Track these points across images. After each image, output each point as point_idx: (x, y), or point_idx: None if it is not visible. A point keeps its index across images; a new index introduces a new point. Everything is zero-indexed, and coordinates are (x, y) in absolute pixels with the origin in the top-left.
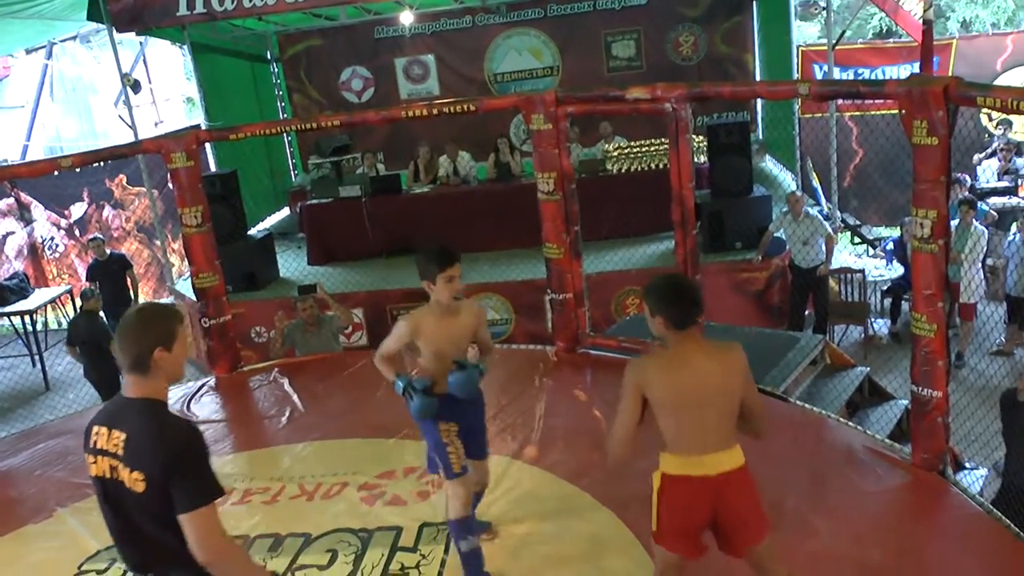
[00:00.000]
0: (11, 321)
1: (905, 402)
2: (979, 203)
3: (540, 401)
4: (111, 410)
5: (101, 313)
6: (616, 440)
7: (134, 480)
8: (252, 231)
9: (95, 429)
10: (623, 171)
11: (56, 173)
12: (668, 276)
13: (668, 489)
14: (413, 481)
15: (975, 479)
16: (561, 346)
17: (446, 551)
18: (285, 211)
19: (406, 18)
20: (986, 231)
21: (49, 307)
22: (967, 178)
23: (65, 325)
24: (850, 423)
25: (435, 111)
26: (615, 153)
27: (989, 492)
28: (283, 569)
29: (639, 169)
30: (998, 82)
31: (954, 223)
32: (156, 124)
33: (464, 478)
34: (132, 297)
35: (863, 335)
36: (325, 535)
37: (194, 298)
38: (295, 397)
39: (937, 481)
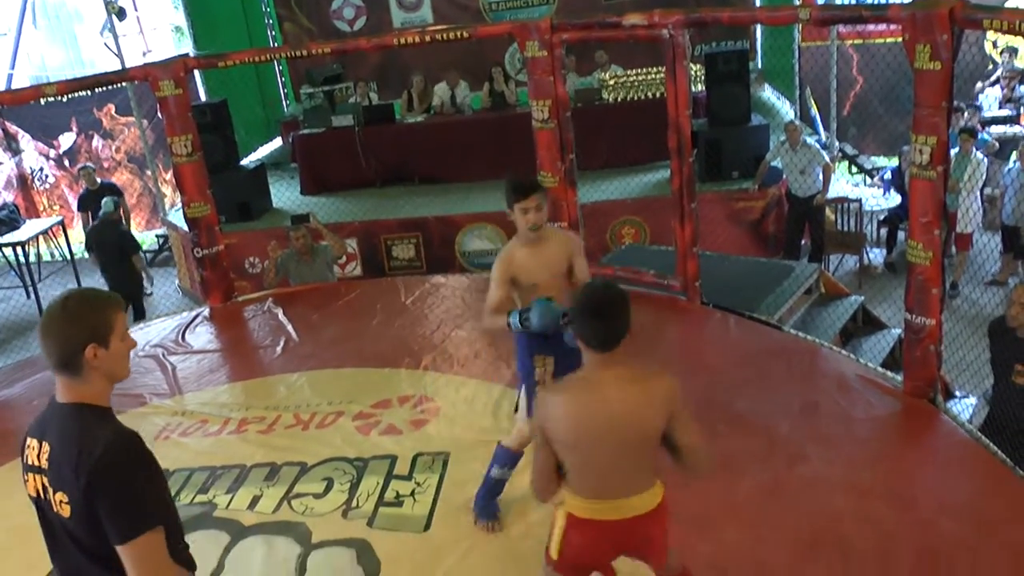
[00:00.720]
0: (3, 253)
1: (898, 331)
2: (980, 132)
3: None
4: (41, 417)
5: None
6: (538, 488)
7: (60, 503)
8: (244, 161)
9: (28, 441)
10: (619, 100)
11: (43, 102)
12: (594, 284)
13: (572, 529)
14: (408, 410)
15: (965, 407)
16: None
17: (440, 480)
18: (277, 141)
19: None
20: (985, 160)
21: (42, 239)
22: (975, 106)
23: (59, 256)
24: (843, 351)
25: (428, 38)
26: (611, 82)
27: (977, 420)
28: (280, 497)
29: (635, 98)
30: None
31: (953, 152)
32: (144, 53)
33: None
34: (125, 226)
35: (858, 265)
36: (321, 464)
37: (186, 228)
38: (289, 327)
39: (927, 409)
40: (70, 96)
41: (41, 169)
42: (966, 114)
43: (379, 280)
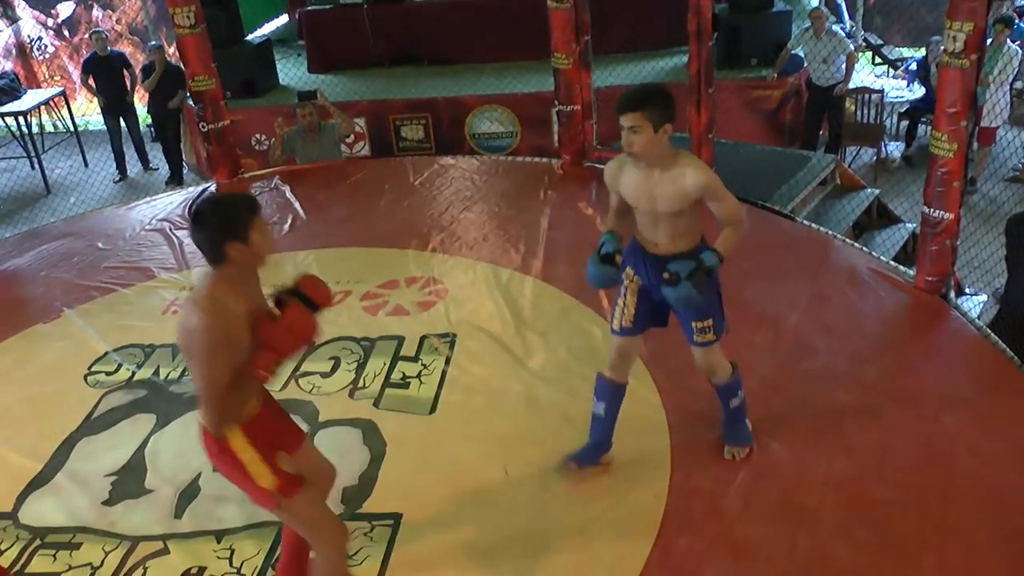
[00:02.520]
0: (5, 122)
1: (912, 226)
2: (1018, 22)
3: (544, 214)
4: None
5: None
6: None
7: None
8: (249, 37)
9: None
10: None
11: None
12: None
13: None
14: (416, 291)
15: (974, 304)
16: (567, 159)
17: (447, 363)
18: (284, 18)
19: None
20: (1020, 51)
21: (44, 110)
22: None
23: (62, 128)
24: (855, 244)
25: None
26: None
27: (986, 318)
28: (287, 375)
29: None
30: None
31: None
32: None
33: (619, 341)
34: (130, 99)
35: (876, 158)
36: (328, 343)
37: (191, 102)
38: (297, 205)
39: (938, 304)
40: None
41: (40, 39)
42: (1005, 5)
43: (387, 160)
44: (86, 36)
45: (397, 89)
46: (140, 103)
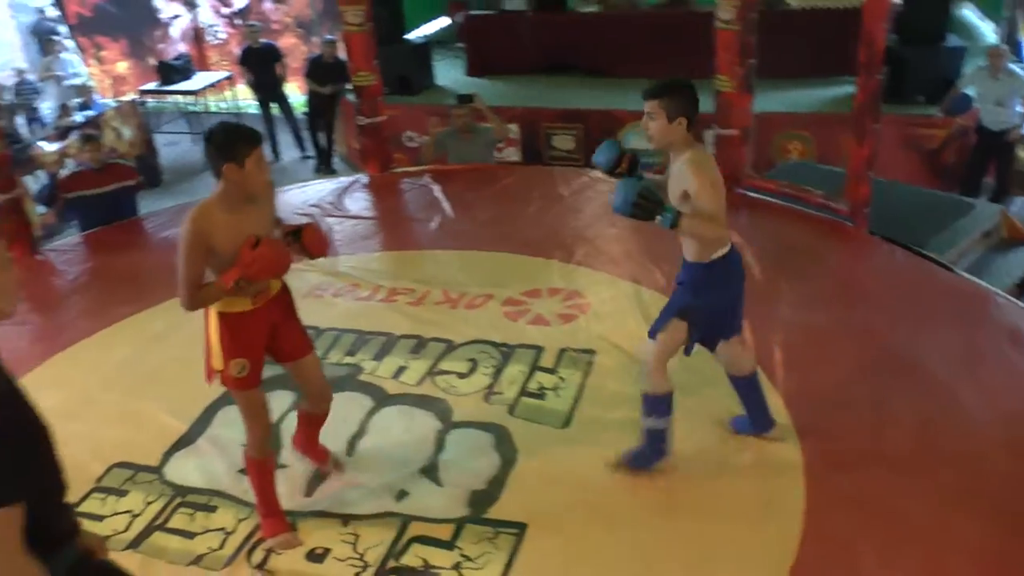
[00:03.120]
0: (175, 100)
1: None
2: None
3: None
4: None
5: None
6: None
7: None
8: (409, 36)
9: None
10: (805, 7)
11: None
12: None
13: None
14: (558, 302)
15: None
16: None
17: (585, 377)
18: (444, 20)
19: None
20: None
21: (210, 91)
22: None
23: (225, 108)
24: (1021, 303)
25: None
26: None
27: None
28: (424, 371)
29: (823, 6)
30: None
31: None
32: None
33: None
34: (281, 87)
35: None
36: (467, 344)
37: (348, 95)
38: (445, 203)
39: None
40: None
41: (213, 25)
42: None
43: (537, 168)
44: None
45: (551, 98)
46: (299, 91)
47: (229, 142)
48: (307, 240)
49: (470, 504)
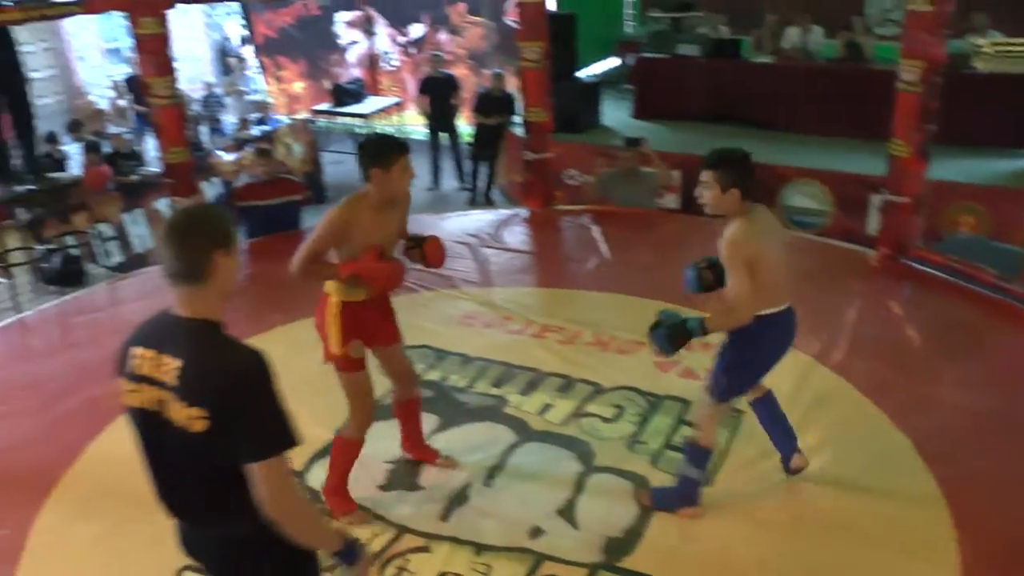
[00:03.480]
0: (345, 122)
1: None
2: None
3: (852, 305)
4: (154, 328)
5: None
6: None
7: (192, 418)
8: (579, 74)
9: (135, 351)
10: (993, 71)
11: None
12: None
13: None
14: (710, 358)
15: None
16: (884, 252)
17: (731, 438)
18: (613, 60)
19: None
20: None
21: (378, 116)
22: None
23: (392, 132)
24: None
25: None
26: (988, 50)
27: None
28: (570, 411)
29: (1013, 72)
30: None
31: None
32: None
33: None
34: (455, 117)
35: None
36: (614, 389)
37: (514, 129)
38: (603, 245)
39: None
40: None
41: (388, 53)
42: None
43: (698, 217)
44: (427, 55)
45: (717, 147)
46: (466, 122)
47: (380, 149)
48: (428, 250)
49: (605, 551)
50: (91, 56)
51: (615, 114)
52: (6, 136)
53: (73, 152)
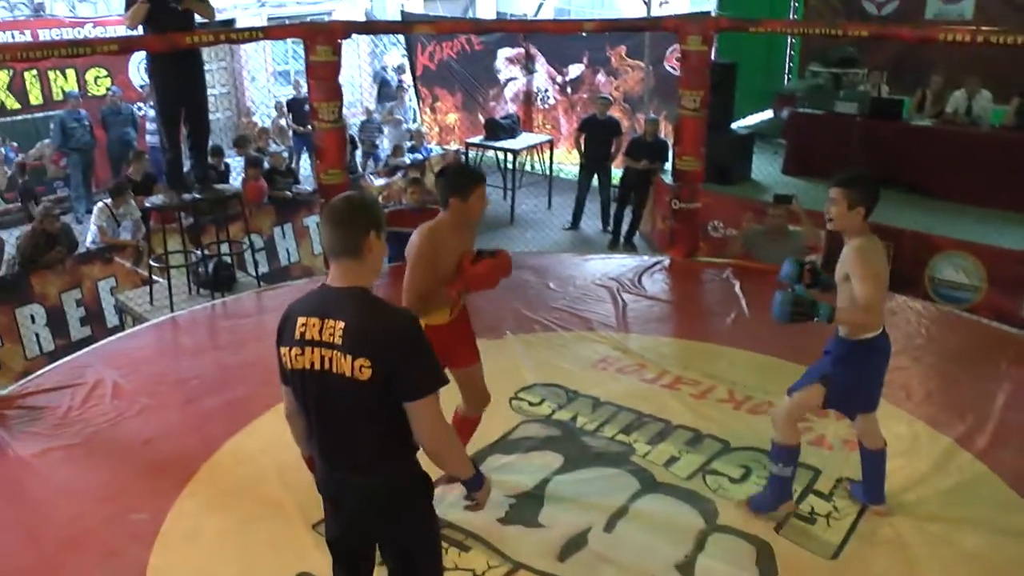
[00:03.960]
0: (496, 155)
1: None
2: None
3: (1002, 389)
4: (316, 301)
5: None
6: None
7: (359, 367)
8: (734, 126)
9: (300, 320)
10: None
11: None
12: None
13: None
14: (845, 428)
15: None
16: None
17: (859, 516)
18: (767, 113)
19: None
20: None
21: (528, 151)
22: None
23: (539, 170)
24: None
25: (980, 39)
26: None
27: None
28: (696, 466)
29: None
30: None
31: None
32: (660, 4)
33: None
34: (609, 160)
35: None
36: (743, 449)
37: (670, 179)
38: (743, 301)
39: None
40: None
41: (546, 91)
42: None
43: None
44: (584, 96)
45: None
46: (615, 166)
47: (460, 179)
48: (499, 260)
49: None
50: (261, 77)
51: (766, 168)
52: (180, 146)
53: (234, 165)
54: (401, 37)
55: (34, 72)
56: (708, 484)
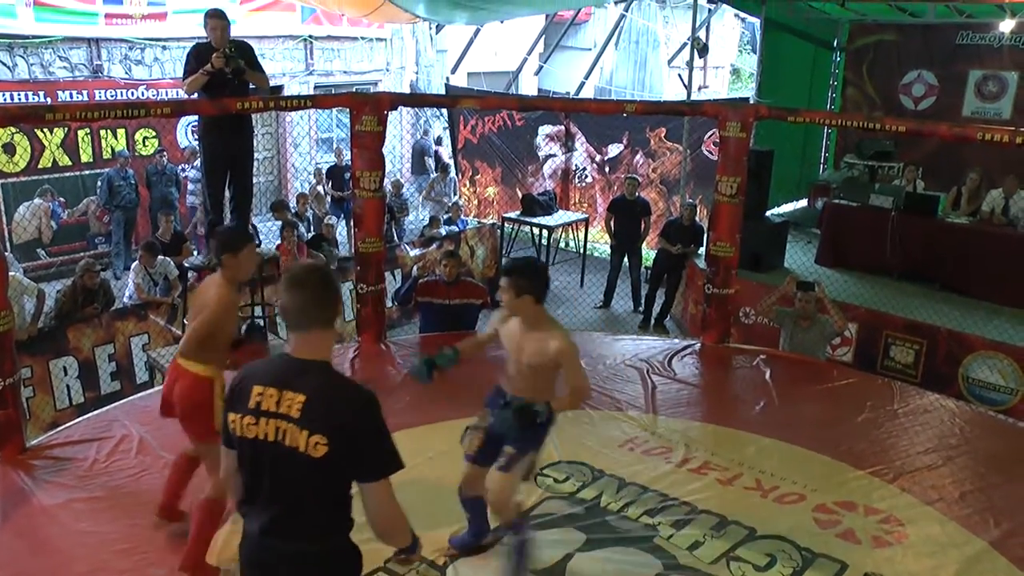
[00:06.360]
0: (532, 231)
1: None
2: None
3: None
4: (275, 370)
5: None
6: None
7: (313, 444)
8: (768, 214)
9: (257, 389)
10: None
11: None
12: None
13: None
14: (873, 524)
15: None
16: None
17: None
18: (801, 202)
19: (1006, 26)
20: None
21: (564, 229)
22: None
23: (573, 247)
24: None
25: (1018, 140)
26: None
27: None
28: (720, 552)
29: None
30: None
31: None
32: (699, 89)
33: (467, 466)
34: (640, 241)
35: None
36: (769, 538)
37: (702, 264)
38: (773, 390)
39: None
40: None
41: (584, 169)
42: None
43: (874, 376)
44: (621, 176)
45: (899, 305)
46: (648, 247)
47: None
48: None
49: None
50: (303, 144)
51: (798, 257)
52: (223, 208)
53: (264, 229)
54: (444, 110)
55: (87, 130)
56: (732, 571)
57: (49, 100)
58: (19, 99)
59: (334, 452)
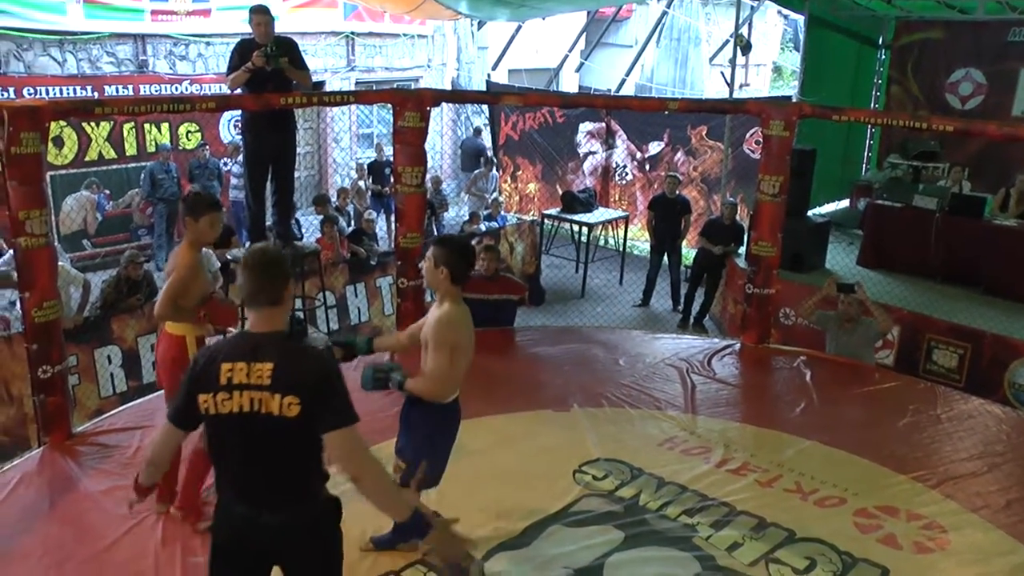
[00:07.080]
0: (571, 228)
1: None
2: None
3: None
4: (240, 346)
5: None
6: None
7: (287, 404)
8: (810, 213)
9: (226, 366)
10: None
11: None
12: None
13: None
14: (915, 529)
15: None
16: None
17: None
18: (843, 202)
19: None
20: None
21: (603, 226)
22: None
23: (612, 245)
24: None
25: None
26: None
27: None
28: (759, 554)
29: None
30: None
31: None
32: (741, 87)
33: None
34: (679, 239)
35: None
36: (808, 541)
37: (743, 264)
38: (814, 392)
39: None
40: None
41: (624, 166)
42: None
43: (917, 380)
44: (661, 174)
45: (943, 308)
46: (688, 245)
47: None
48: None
49: None
50: (344, 140)
51: (840, 258)
52: (264, 202)
53: (305, 223)
54: (484, 107)
55: (131, 124)
56: (771, 573)
57: (96, 95)
58: (68, 93)
59: (306, 409)
